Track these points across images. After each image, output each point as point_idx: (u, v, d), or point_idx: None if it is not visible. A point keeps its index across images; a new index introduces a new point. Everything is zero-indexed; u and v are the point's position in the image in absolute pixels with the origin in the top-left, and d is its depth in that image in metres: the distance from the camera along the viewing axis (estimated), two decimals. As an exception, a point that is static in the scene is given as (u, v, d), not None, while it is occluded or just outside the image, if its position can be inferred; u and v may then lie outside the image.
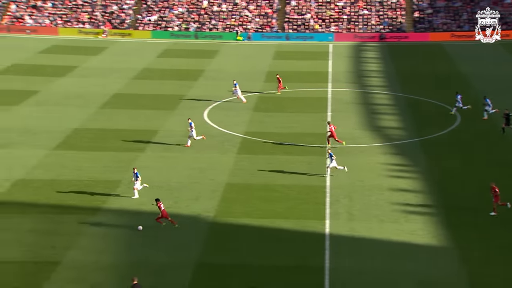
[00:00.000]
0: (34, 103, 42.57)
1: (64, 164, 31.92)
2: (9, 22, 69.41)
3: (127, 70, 53.34)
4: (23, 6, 71.09)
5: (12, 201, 27.49)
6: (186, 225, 26.05)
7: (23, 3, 71.36)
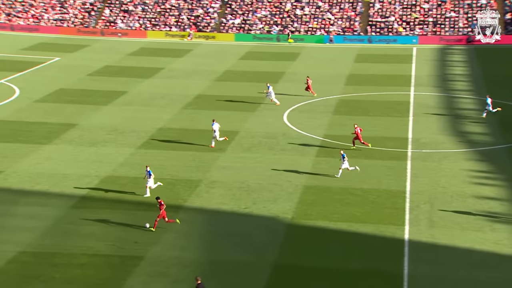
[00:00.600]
0: (122, 103, 44.20)
1: (148, 163, 32.89)
2: (103, 26, 72.50)
3: (210, 72, 54.33)
4: (116, 11, 74.03)
5: (100, 197, 28.64)
6: (264, 226, 26.18)
7: (116, 8, 74.32)
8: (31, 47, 63.18)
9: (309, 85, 45.38)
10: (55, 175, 30.72)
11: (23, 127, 37.77)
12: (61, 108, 42.26)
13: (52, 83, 48.92)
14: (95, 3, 75.02)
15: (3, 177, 30.05)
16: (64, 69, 54.30)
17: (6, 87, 46.98)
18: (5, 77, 49.86)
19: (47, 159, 32.88)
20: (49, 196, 28.36)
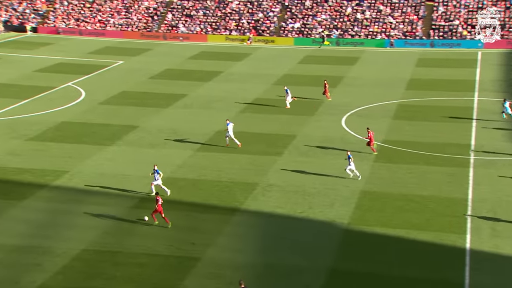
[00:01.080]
0: (181, 106, 44.92)
1: (205, 165, 33.31)
2: (165, 30, 74.02)
3: (268, 76, 54.47)
4: (178, 15, 75.42)
5: (158, 197, 29.15)
6: (320, 231, 26.00)
7: (178, 12, 75.72)
8: (97, 51, 65.18)
9: (326, 89, 45.17)
10: (117, 175, 31.54)
11: (88, 128, 38.97)
12: (123, 110, 43.36)
13: (115, 85, 50.29)
14: (159, 8, 76.65)
15: (69, 177, 31.09)
16: (127, 72, 55.69)
17: (73, 90, 48.63)
18: (73, 80, 51.61)
19: (109, 160, 33.79)
20: (111, 196, 29.13)
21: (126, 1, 77.27)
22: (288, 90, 44.26)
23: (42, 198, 28.62)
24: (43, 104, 44.04)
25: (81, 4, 77.26)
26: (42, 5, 77.33)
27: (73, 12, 76.25)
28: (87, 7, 76.90)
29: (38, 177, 30.74)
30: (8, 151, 34.08)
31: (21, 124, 39.09)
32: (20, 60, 58.94)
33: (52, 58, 60.57)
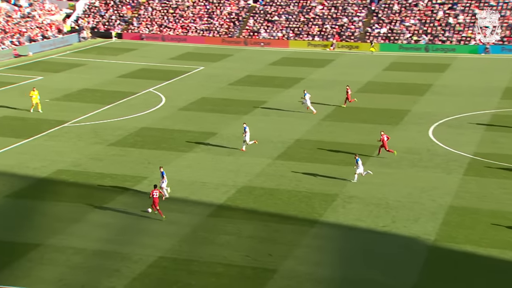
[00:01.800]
0: (261, 113, 45.21)
1: (284, 174, 33.29)
2: (247, 35, 74.94)
3: (351, 83, 53.86)
4: (260, 21, 76.16)
5: (236, 207, 29.43)
6: (404, 246, 25.29)
7: (260, 18, 76.46)
8: (178, 57, 66.91)
9: (348, 95, 44.99)
10: (194, 183, 32.10)
11: (167, 134, 39.98)
12: (202, 116, 44.17)
13: (195, 91, 51.36)
14: (240, 13, 77.73)
15: (148, 183, 31.96)
16: (207, 78, 56.74)
17: (154, 95, 50.10)
18: (154, 85, 53.21)
19: (187, 166, 34.48)
20: (188, 204, 29.68)
21: (208, 7, 78.90)
22: (307, 94, 43.99)
23: (121, 204, 29.57)
24: (125, 109, 45.64)
25: (164, 10, 79.65)
26: (127, 11, 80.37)
27: (157, 18, 78.72)
28: (170, 13, 79.17)
29: (118, 182, 31.81)
30: (91, 156, 35.53)
31: (104, 129, 40.68)
32: (104, 66, 61.48)
33: (135, 63, 62.77)
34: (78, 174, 32.78)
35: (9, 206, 28.99)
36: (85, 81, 54.02)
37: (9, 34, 66.98)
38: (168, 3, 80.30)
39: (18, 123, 41.58)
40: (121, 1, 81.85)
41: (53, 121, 41.97)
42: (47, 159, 34.84)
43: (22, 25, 70.28)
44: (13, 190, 30.63)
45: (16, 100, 47.03)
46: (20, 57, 64.24)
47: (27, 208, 28.82)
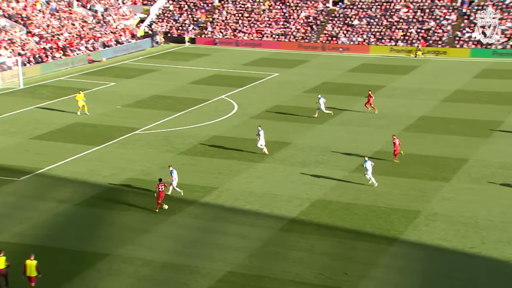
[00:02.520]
0: (338, 123, 44.81)
1: (361, 188, 32.78)
2: (324, 40, 74.69)
3: (438, 91, 52.53)
4: (339, 25, 75.71)
5: (310, 221, 29.21)
6: (495, 270, 24.27)
7: (339, 22, 76.01)
8: (252, 62, 67.50)
9: (370, 101, 45.75)
10: (266, 194, 32.15)
11: (238, 143, 40.30)
12: (275, 125, 44.25)
13: (269, 99, 51.57)
14: (319, 17, 77.58)
15: (217, 194, 32.31)
16: (281, 85, 56.87)
17: (226, 103, 50.70)
18: (226, 92, 53.86)
19: (258, 177, 34.59)
20: (259, 217, 29.73)
21: (285, 10, 79.23)
22: (321, 99, 44.67)
23: (190, 215, 29.99)
24: (196, 116, 46.42)
25: (239, 14, 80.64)
26: (201, 16, 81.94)
27: (231, 23, 79.80)
28: (245, 17, 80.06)
29: (187, 193, 32.31)
30: (161, 165, 36.28)
31: (174, 137, 41.51)
32: (176, 72, 62.85)
33: (207, 69, 63.83)
34: (148, 183, 33.54)
35: (80, 214, 30.01)
36: (157, 87, 55.40)
37: (84, 40, 69.71)
38: (243, 6, 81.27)
39: (90, 130, 43.09)
40: (195, 5, 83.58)
41: (124, 128, 43.22)
42: (117, 167, 35.87)
43: (96, 30, 73.02)
44: (83, 198, 31.70)
45: (88, 107, 48.77)
46: (93, 63, 66.72)
47: (96, 216, 29.75)
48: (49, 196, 31.77)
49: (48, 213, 29.82)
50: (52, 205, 30.65)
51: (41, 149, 38.83)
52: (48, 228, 28.54)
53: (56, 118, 45.66)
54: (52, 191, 32.42)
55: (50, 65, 62.34)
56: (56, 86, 55.76)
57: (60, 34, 68.20)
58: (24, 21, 67.52)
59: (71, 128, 43.33)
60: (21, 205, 30.69)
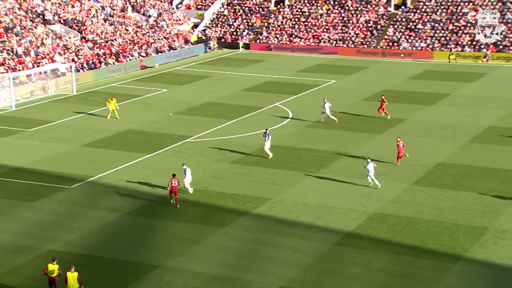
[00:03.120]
0: (398, 132, 44.27)
1: (423, 202, 32.31)
2: (385, 46, 74.05)
3: (508, 100, 51.32)
4: (402, 29, 74.91)
5: (367, 235, 28.95)
6: None
7: (402, 26, 75.22)
8: (308, 69, 67.51)
9: (383, 106, 46.63)
10: (321, 207, 32.06)
11: (293, 153, 40.34)
12: (332, 134, 44.10)
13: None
14: (379, 21, 77.00)
15: (270, 205, 32.41)
16: (339, 92, 56.66)
17: (281, 110, 50.84)
18: (281, 99, 54.02)
19: (313, 189, 34.52)
20: (313, 230, 29.66)
21: (344, 15, 78.98)
22: (327, 103, 45.71)
23: (242, 226, 30.18)
24: (249, 125, 46.72)
25: (296, 18, 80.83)
26: (257, 20, 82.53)
27: (287, 27, 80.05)
28: (301, 21, 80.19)
29: (239, 203, 32.54)
30: (213, 174, 36.68)
31: (227, 145, 41.88)
32: (229, 78, 63.46)
33: (261, 76, 64.19)
34: (199, 192, 33.94)
35: (130, 224, 30.62)
36: (209, 94, 56.05)
37: (137, 45, 71.22)
38: (300, 11, 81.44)
39: (141, 137, 43.94)
40: (251, 10, 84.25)
41: (176, 136, 43.89)
42: (168, 176, 36.36)
43: (150, 35, 74.51)
44: (134, 207, 32.33)
45: (140, 113, 49.80)
46: (146, 69, 68.07)
47: (147, 226, 30.28)
48: (100, 205, 32.54)
49: (99, 222, 30.54)
50: (103, 214, 31.39)
51: (92, 156, 39.84)
52: (99, 237, 29.23)
53: (107, 125, 46.78)
54: (103, 200, 33.20)
55: (103, 71, 63.96)
56: (109, 92, 57.14)
57: (114, 39, 69.88)
58: (79, 27, 69.52)
59: (122, 135, 44.30)
60: (72, 214, 31.54)
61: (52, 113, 49.96)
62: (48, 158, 39.46)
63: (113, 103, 48.28)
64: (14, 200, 32.84)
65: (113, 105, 48.19)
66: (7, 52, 58.83)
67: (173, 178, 31.92)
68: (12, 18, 64.54)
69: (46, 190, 34.16)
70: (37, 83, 56.55)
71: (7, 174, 36.62)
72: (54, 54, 61.99)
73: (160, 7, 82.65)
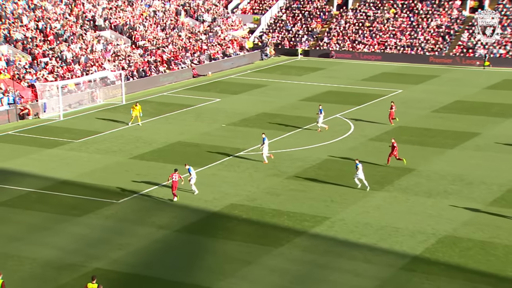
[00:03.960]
0: (472, 147, 43.43)
1: (500, 225, 31.49)
2: (459, 52, 72.73)
3: None
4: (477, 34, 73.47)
5: (436, 260, 28.37)
6: None
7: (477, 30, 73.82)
8: (372, 78, 67.00)
9: (392, 112, 48.44)
10: (385, 227, 31.63)
11: (354, 168, 39.95)
12: (399, 149, 43.55)
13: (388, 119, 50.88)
14: (453, 25, 75.80)
15: (329, 224, 32.16)
16: (406, 103, 55.98)
17: (342, 122, 50.55)
18: (342, 110, 53.72)
19: (377, 208, 34.11)
20: (376, 252, 29.27)
21: (412, 19, 78.12)
22: (322, 110, 47.09)
23: (299, 247, 30.02)
24: (306, 137, 46.59)
25: (359, 23, 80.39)
26: (317, 25, 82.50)
27: (350, 33, 79.67)
28: (366, 26, 79.68)
29: (295, 222, 32.41)
30: (268, 190, 36.69)
31: (283, 159, 41.85)
32: (287, 87, 63.52)
33: (321, 85, 64.02)
34: (253, 209, 33.99)
35: (179, 241, 30.86)
36: (265, 104, 56.22)
37: (190, 52, 72.12)
38: (365, 15, 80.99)
39: (192, 149, 44.37)
40: (311, 14, 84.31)
41: (228, 149, 44.14)
42: (220, 191, 36.64)
43: (203, 41, 75.36)
44: (184, 224, 32.60)
45: (191, 124, 50.32)
46: (198, 77, 68.88)
47: (197, 244, 30.46)
48: (149, 221, 32.94)
49: (147, 239, 30.90)
50: (151, 231, 31.75)
51: (141, 169, 40.44)
52: (147, 255, 29.56)
53: (157, 136, 47.45)
54: (151, 216, 33.61)
55: (153, 80, 65.03)
56: (159, 102, 58.01)
57: (165, 46, 70.96)
58: (129, 33, 70.90)
59: (172, 147, 44.83)
60: (120, 230, 32.03)
61: (100, 124, 51.05)
62: (96, 170, 40.26)
63: (137, 109, 50.06)
64: (61, 214, 33.59)
65: (137, 111, 50.02)
66: (56, 59, 60.44)
67: (175, 173, 34.71)
68: (63, 23, 66.26)
69: (93, 204, 34.82)
70: (86, 92, 57.88)
71: (54, 187, 37.51)
72: (103, 61, 63.39)
73: (214, 11, 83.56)
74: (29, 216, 33.57)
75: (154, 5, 78.22)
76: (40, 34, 63.54)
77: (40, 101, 54.15)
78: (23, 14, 64.72)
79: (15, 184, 37.90)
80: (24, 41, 60.95)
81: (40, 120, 52.58)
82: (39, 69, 58.02)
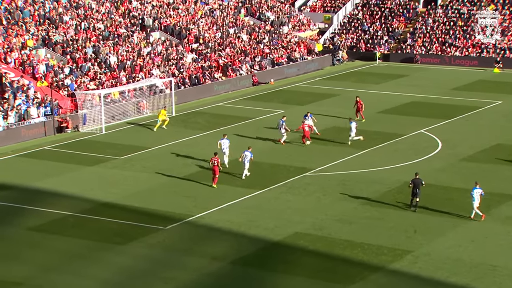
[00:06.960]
0: None
1: None
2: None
3: None
4: None
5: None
6: None
7: None
8: (465, 86, 66.21)
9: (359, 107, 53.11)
10: (480, 265, 31.08)
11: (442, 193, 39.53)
12: (495, 170, 42.93)
13: (487, 135, 50.14)
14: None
15: (412, 259, 31.78)
16: (506, 116, 55.26)
17: (427, 139, 50.00)
18: (428, 125, 53.15)
19: (470, 241, 33.58)
20: (468, 294, 28.80)
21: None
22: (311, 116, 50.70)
23: (375, 285, 29.75)
24: (385, 156, 46.26)
25: (451, 21, 79.44)
26: (399, 25, 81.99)
27: (439, 33, 78.87)
28: (458, 25, 78.70)
29: (371, 256, 32.13)
30: (338, 217, 36.52)
31: (356, 181, 41.61)
32: (362, 97, 63.00)
33: (403, 95, 63.56)
34: (320, 240, 33.87)
35: (235, 275, 30.97)
36: (336, 117, 56.04)
37: (250, 56, 72.54)
38: (457, 12, 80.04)
39: (251, 168, 44.48)
40: (392, 12, 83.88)
41: (292, 168, 44.16)
42: (282, 218, 36.64)
43: (266, 44, 75.72)
44: (240, 255, 32.72)
45: (249, 140, 50.49)
46: (259, 85, 69.24)
47: (255, 280, 30.51)
48: (200, 251, 33.18)
49: (197, 272, 31.10)
50: (202, 262, 31.97)
51: (191, 191, 40.81)
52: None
53: (211, 153, 47.80)
54: (203, 245, 33.85)
55: (207, 88, 65.71)
56: (213, 113, 58.55)
57: (222, 49, 71.53)
58: (182, 34, 71.80)
59: (227, 166, 45.02)
60: (166, 261, 32.36)
61: (147, 138, 51.80)
62: (141, 192, 40.85)
63: (163, 113, 52.76)
64: (101, 242, 34.15)
65: (163, 116, 52.59)
66: (99, 65, 61.48)
67: (214, 157, 40.10)
68: (107, 24, 67.55)
69: (138, 231, 35.31)
70: (131, 102, 58.68)
71: (94, 210, 38.20)
72: (152, 67, 64.32)
73: (279, 9, 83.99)
74: (65, 243, 34.25)
75: (211, 3, 79.04)
76: (82, 35, 64.69)
77: (80, 112, 55.18)
78: (63, 14, 66.35)
79: (50, 207, 38.77)
80: (64, 44, 62.38)
81: (79, 134, 53.72)
82: (80, 75, 59.01)
